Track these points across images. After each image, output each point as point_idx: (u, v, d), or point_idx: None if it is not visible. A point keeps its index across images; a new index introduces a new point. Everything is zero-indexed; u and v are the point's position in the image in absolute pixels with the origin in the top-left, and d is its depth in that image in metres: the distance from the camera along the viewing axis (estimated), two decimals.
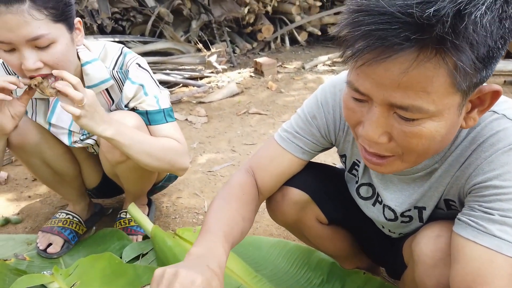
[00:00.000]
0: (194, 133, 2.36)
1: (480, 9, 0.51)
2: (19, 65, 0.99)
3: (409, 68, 0.54)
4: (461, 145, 0.72)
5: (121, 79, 1.19)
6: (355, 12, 0.55)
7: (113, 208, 1.67)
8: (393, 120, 0.61)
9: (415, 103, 0.57)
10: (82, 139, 1.26)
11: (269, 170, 0.93)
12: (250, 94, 2.93)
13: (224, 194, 0.89)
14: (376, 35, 0.53)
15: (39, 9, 0.95)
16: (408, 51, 0.53)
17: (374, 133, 0.63)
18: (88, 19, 3.11)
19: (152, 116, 1.22)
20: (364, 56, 0.56)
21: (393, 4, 0.52)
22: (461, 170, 0.73)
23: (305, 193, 0.98)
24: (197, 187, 1.81)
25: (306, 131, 0.91)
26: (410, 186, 0.83)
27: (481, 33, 0.52)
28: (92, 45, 1.20)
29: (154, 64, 3.08)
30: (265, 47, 3.95)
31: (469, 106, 0.63)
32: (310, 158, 0.95)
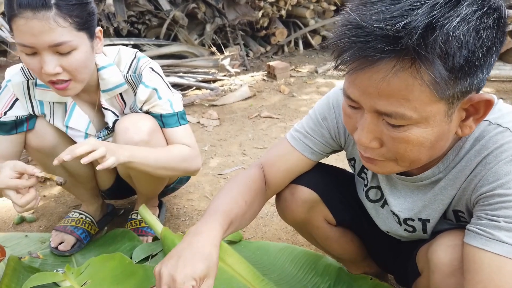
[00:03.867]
0: (206, 136, 2.38)
1: (454, 21, 0.54)
2: (40, 69, 1.03)
3: (387, 76, 0.58)
4: (466, 157, 0.73)
5: (135, 82, 1.22)
6: (342, 26, 0.60)
7: (125, 209, 1.70)
8: (382, 126, 0.65)
9: (397, 110, 0.60)
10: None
11: (277, 165, 0.97)
12: (262, 98, 2.95)
13: (230, 182, 0.95)
14: (357, 47, 0.58)
15: (64, 16, 0.99)
16: (386, 61, 0.57)
17: (366, 138, 0.67)
18: (104, 22, 3.18)
19: (166, 119, 1.25)
20: (349, 66, 0.61)
21: (368, 19, 0.57)
22: (467, 182, 0.74)
23: (315, 192, 0.99)
24: (207, 190, 1.83)
25: (316, 132, 0.93)
26: (414, 193, 0.84)
27: (453, 44, 0.55)
28: (108, 50, 1.23)
29: (168, 67, 3.12)
30: (278, 51, 3.97)
31: (463, 115, 0.65)
32: (319, 159, 0.98)
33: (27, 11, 0.95)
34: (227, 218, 0.85)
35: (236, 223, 0.89)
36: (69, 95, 1.12)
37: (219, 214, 0.85)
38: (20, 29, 0.97)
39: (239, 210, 0.88)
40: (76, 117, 1.23)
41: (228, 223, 0.85)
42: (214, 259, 0.78)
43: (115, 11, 3.16)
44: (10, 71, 1.19)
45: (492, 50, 0.60)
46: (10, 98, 1.18)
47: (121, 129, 1.20)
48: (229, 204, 0.88)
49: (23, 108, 1.20)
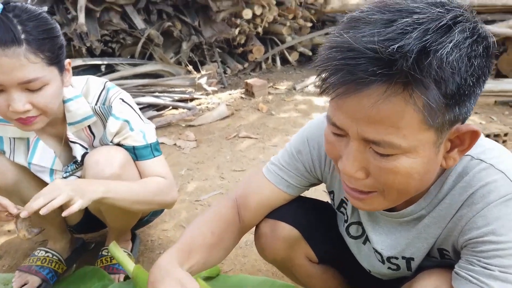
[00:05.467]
0: (183, 159, 2.31)
1: (447, 47, 0.53)
2: (6, 107, 0.96)
3: (378, 101, 0.55)
4: (450, 194, 0.71)
5: (104, 114, 1.16)
6: (329, 48, 0.58)
7: (96, 242, 1.61)
8: (369, 155, 0.62)
9: (386, 138, 0.58)
10: (64, 176, 1.22)
11: (251, 198, 0.93)
12: (240, 117, 2.90)
13: (199, 216, 0.91)
14: (346, 70, 0.55)
15: (36, 52, 0.94)
16: (377, 85, 0.54)
17: (351, 168, 0.63)
18: (77, 42, 3.10)
19: (139, 151, 1.20)
20: (337, 90, 0.58)
21: (359, 41, 0.54)
22: (453, 222, 0.71)
23: (296, 229, 0.95)
24: (183, 218, 1.76)
25: (291, 166, 0.90)
26: (397, 229, 0.81)
27: (447, 70, 0.53)
28: (75, 81, 1.17)
29: (144, 87, 3.06)
30: (256, 68, 3.95)
31: (448, 145, 0.63)
32: (296, 193, 0.94)
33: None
34: (186, 247, 0.83)
35: (200, 254, 0.85)
36: (35, 129, 1.04)
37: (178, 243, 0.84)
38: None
39: (203, 241, 0.85)
40: (40, 153, 1.15)
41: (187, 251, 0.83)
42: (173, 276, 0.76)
43: (88, 30, 3.08)
44: None
45: (481, 80, 0.59)
46: None
47: (91, 163, 1.13)
48: (192, 233, 0.85)
49: None
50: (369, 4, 0.60)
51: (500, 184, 0.65)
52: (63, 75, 1.04)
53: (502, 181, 0.65)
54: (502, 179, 0.65)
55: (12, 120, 1.01)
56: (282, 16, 3.78)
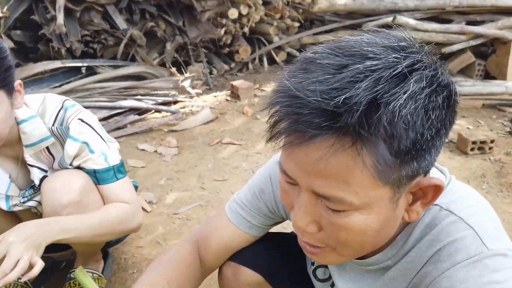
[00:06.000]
0: (163, 167, 2.25)
1: (400, 99, 0.47)
2: None
3: (325, 155, 0.50)
4: (416, 247, 0.65)
5: (62, 136, 1.09)
6: (277, 92, 0.52)
7: (67, 261, 1.55)
8: (321, 208, 0.57)
9: (336, 194, 0.52)
10: (23, 201, 1.15)
11: (212, 239, 0.87)
12: (225, 121, 2.84)
13: (155, 260, 0.85)
14: (292, 119, 0.50)
15: None
16: (324, 138, 0.49)
17: (302, 221, 0.58)
18: (56, 43, 3.00)
19: (100, 175, 1.12)
20: (284, 139, 0.54)
21: (305, 89, 0.49)
22: (418, 278, 0.65)
23: (259, 274, 0.89)
24: (160, 234, 1.70)
25: (254, 205, 0.84)
26: (363, 277, 0.75)
27: (399, 125, 0.47)
28: (31, 100, 1.09)
29: (125, 89, 2.97)
30: (243, 68, 3.88)
31: (410, 198, 0.58)
32: (259, 234, 0.88)
33: None
34: None
35: None
36: None
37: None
38: None
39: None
40: None
41: None
42: None
43: (68, 30, 2.98)
44: None
45: (441, 132, 0.53)
46: None
47: (47, 190, 1.06)
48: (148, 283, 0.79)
49: None
50: (324, 44, 0.54)
51: (469, 242, 0.59)
52: (12, 97, 0.96)
53: (471, 238, 0.59)
54: (471, 237, 0.60)
55: None
56: (269, 16, 3.71)
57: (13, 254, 0.90)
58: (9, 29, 3.24)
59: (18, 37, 3.23)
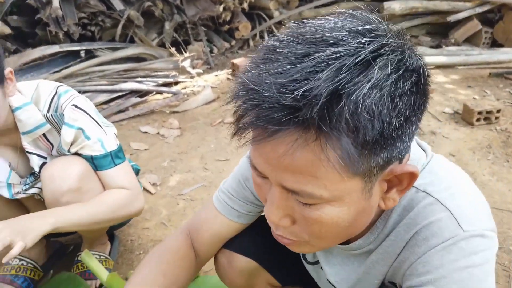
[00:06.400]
0: (166, 149, 2.25)
1: (363, 88, 0.44)
2: None
3: (289, 151, 0.48)
4: (395, 230, 0.64)
5: (57, 122, 1.08)
6: (239, 85, 0.50)
7: (74, 244, 1.57)
8: (293, 202, 0.55)
9: (304, 188, 0.50)
10: (24, 189, 1.15)
11: (202, 231, 0.87)
12: (226, 100, 2.81)
13: (149, 254, 0.86)
14: (254, 114, 0.48)
15: None
16: (287, 132, 0.47)
17: (275, 216, 0.56)
18: (53, 27, 2.96)
19: (98, 161, 1.12)
20: (248, 134, 0.51)
21: (262, 82, 0.46)
22: (398, 262, 0.65)
23: (252, 260, 0.90)
24: (165, 215, 1.71)
25: (240, 194, 0.83)
26: (350, 261, 0.75)
27: (363, 116, 0.45)
28: (24, 87, 1.08)
29: (125, 72, 2.95)
30: (244, 45, 3.81)
31: (384, 186, 0.56)
32: (249, 221, 0.87)
33: None
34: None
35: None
36: None
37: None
38: None
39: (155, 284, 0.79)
40: None
41: None
42: None
43: (64, 14, 2.94)
44: None
45: (412, 118, 0.50)
46: None
47: (46, 178, 1.06)
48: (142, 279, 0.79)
49: None
50: (287, 31, 0.51)
51: (445, 224, 0.58)
52: (4, 86, 0.96)
53: (447, 221, 0.58)
54: (447, 219, 0.58)
55: None
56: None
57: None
58: (6, 15, 3.20)
59: (14, 23, 3.19)
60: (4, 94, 0.96)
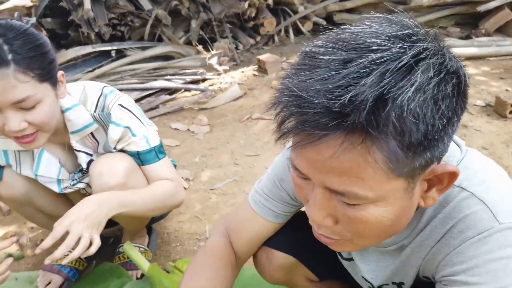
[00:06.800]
0: (197, 145, 2.31)
1: (407, 92, 0.46)
2: (2, 126, 0.96)
3: (336, 154, 0.49)
4: (430, 225, 0.66)
5: (104, 121, 1.15)
6: (280, 91, 0.52)
7: (115, 237, 1.65)
8: (336, 202, 0.56)
9: (350, 189, 0.52)
10: (72, 184, 1.23)
11: (242, 233, 0.90)
12: (253, 96, 2.85)
13: (196, 260, 0.88)
14: (299, 120, 0.49)
15: (25, 71, 0.92)
16: (333, 136, 0.49)
17: (318, 216, 0.58)
18: (85, 28, 3.07)
19: (143, 156, 1.19)
20: (292, 138, 0.53)
21: (309, 89, 0.48)
22: (431, 254, 0.67)
23: (291, 255, 0.93)
24: (198, 209, 1.77)
25: (275, 195, 0.85)
26: (384, 257, 0.77)
27: (409, 119, 0.47)
28: (72, 88, 1.15)
29: (155, 70, 3.02)
30: (269, 41, 3.83)
31: (425, 186, 0.57)
32: (285, 220, 0.90)
33: None
34: None
35: None
36: (38, 146, 1.05)
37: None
38: None
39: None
40: (45, 164, 1.16)
41: None
42: None
43: (95, 15, 3.04)
44: None
45: (453, 120, 0.52)
46: None
47: (95, 174, 1.13)
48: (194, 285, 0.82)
49: None
50: (326, 37, 0.52)
51: (480, 217, 0.59)
52: (57, 88, 1.02)
53: (483, 213, 0.59)
54: (482, 211, 0.59)
55: (11, 138, 1.01)
56: None
57: (75, 232, 0.97)
58: (40, 17, 3.33)
59: (48, 25, 3.32)
60: (56, 97, 1.02)
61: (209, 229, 1.65)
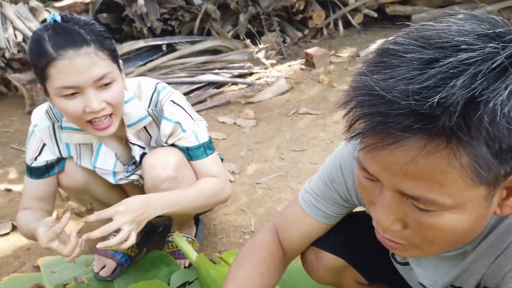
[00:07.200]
0: (243, 139, 2.33)
1: (502, 94, 0.43)
2: (81, 110, 1.02)
3: (416, 157, 0.46)
4: (495, 231, 0.61)
5: (157, 116, 1.19)
6: (357, 89, 0.49)
7: (164, 226, 1.71)
8: (407, 207, 0.53)
9: (427, 195, 0.49)
10: (126, 175, 1.29)
11: (291, 231, 0.89)
12: (300, 90, 2.83)
13: (243, 252, 0.89)
14: (377, 120, 0.46)
15: (102, 49, 1.01)
16: (413, 139, 0.46)
17: (386, 220, 0.55)
18: (138, 23, 3.18)
19: (192, 151, 1.23)
20: (366, 140, 0.50)
21: (391, 88, 0.45)
22: (496, 264, 0.63)
23: (341, 258, 0.92)
24: (244, 202, 1.79)
25: (326, 195, 0.83)
26: (444, 263, 0.73)
27: (501, 124, 0.43)
28: (128, 83, 1.20)
29: (203, 64, 3.08)
30: (317, 34, 3.77)
31: (504, 193, 0.53)
32: (335, 222, 0.88)
33: (68, 51, 0.96)
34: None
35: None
36: (110, 133, 1.11)
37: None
38: (62, 71, 0.97)
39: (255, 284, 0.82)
40: (103, 157, 1.23)
41: None
42: None
43: (148, 10, 3.14)
44: (35, 115, 1.20)
45: None
46: (38, 144, 1.20)
47: (148, 167, 1.19)
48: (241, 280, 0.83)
49: (51, 152, 1.21)
50: (406, 34, 0.49)
51: None
52: (122, 74, 1.10)
53: None
54: None
55: (87, 125, 1.07)
56: None
57: (117, 222, 1.04)
58: (96, 13, 3.50)
59: (104, 20, 3.48)
60: (123, 81, 1.10)
61: (254, 223, 1.67)
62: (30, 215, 1.19)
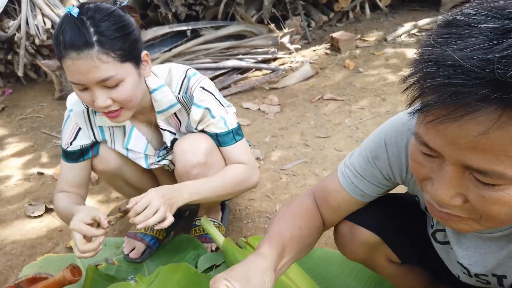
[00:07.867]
0: (267, 125, 2.33)
1: None
2: (92, 102, 1.07)
3: (489, 129, 0.46)
4: None
5: (187, 103, 1.21)
6: (425, 61, 0.48)
7: (190, 210, 1.75)
8: (469, 182, 0.53)
9: (496, 169, 0.48)
10: (158, 160, 1.32)
11: (327, 201, 0.90)
12: (325, 76, 2.79)
13: (283, 209, 0.91)
14: (449, 91, 0.45)
15: (107, 52, 1.00)
16: (488, 110, 0.45)
17: (446, 195, 0.54)
18: (163, 9, 3.19)
19: (221, 138, 1.24)
20: (435, 112, 0.48)
21: (469, 57, 0.44)
22: None
23: (375, 234, 0.91)
24: (269, 188, 1.80)
25: (367, 172, 0.82)
26: (486, 244, 0.72)
27: None
28: (158, 70, 1.21)
29: (227, 50, 3.07)
30: (342, 18, 3.69)
31: None
32: (369, 200, 0.88)
33: (71, 52, 0.98)
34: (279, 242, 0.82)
35: (292, 247, 0.84)
36: (121, 121, 1.15)
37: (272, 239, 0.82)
38: (69, 69, 1.01)
39: (293, 234, 0.84)
40: (135, 139, 1.26)
41: (281, 247, 0.81)
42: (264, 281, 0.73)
43: None
44: (70, 99, 1.24)
45: None
46: (74, 128, 1.24)
47: (179, 152, 1.21)
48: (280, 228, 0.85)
49: (86, 137, 1.25)
50: (475, 5, 0.48)
51: None
52: (140, 68, 1.09)
53: None
54: None
55: (102, 113, 1.11)
56: None
57: (154, 204, 1.06)
58: None
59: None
60: (140, 75, 1.09)
61: (279, 208, 1.68)
62: (66, 199, 1.24)
